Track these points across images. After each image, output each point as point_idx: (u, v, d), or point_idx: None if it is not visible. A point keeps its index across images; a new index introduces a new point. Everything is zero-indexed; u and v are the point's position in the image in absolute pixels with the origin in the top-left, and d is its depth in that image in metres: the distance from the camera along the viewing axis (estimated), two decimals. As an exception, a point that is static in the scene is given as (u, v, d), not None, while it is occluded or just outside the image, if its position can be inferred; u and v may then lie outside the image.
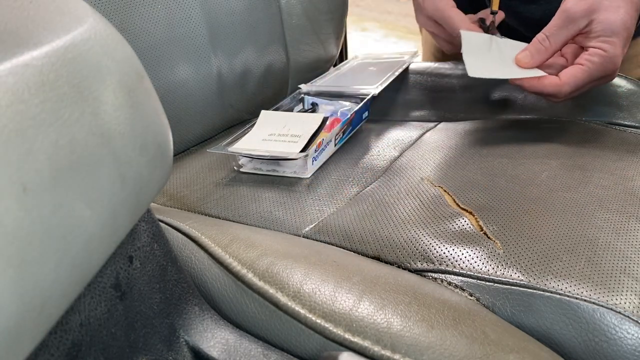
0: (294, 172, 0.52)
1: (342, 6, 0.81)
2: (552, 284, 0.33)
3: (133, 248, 0.28)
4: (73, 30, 0.21)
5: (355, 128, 0.62)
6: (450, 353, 0.26)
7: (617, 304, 0.31)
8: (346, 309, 0.29)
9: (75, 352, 0.23)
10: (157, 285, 0.29)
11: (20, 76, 0.18)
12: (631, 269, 0.34)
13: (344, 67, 0.78)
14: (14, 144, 0.17)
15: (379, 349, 0.26)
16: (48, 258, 0.18)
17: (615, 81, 0.62)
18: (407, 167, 0.51)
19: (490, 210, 0.41)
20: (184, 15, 0.57)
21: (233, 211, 0.47)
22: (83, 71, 0.21)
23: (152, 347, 0.28)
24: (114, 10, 0.51)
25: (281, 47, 0.71)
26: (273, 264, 0.32)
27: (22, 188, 0.17)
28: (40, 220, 0.17)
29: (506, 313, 0.33)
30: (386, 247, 0.39)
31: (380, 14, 3.43)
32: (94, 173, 0.20)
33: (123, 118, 0.22)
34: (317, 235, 0.42)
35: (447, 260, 0.36)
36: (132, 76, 0.24)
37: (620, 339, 0.30)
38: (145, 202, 0.25)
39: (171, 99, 0.57)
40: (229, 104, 0.65)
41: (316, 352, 0.29)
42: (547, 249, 0.36)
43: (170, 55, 0.56)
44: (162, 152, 0.26)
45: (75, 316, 0.23)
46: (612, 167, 0.47)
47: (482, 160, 0.51)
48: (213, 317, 0.32)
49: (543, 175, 0.46)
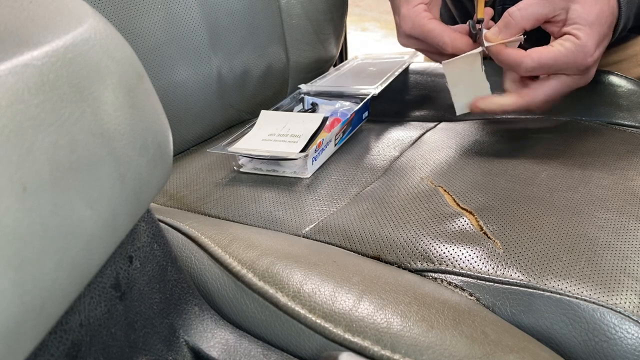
0: (294, 172, 0.52)
1: (342, 6, 0.81)
2: (552, 284, 0.33)
3: (133, 248, 0.28)
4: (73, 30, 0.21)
5: (355, 128, 0.62)
6: (450, 353, 0.26)
7: (617, 303, 0.31)
8: (346, 309, 0.29)
9: (75, 352, 0.23)
10: (157, 285, 0.29)
11: (20, 76, 0.18)
12: (631, 268, 0.34)
13: (344, 67, 0.78)
14: (14, 144, 0.17)
15: (378, 349, 0.26)
16: (48, 258, 0.18)
17: (615, 81, 0.62)
18: (407, 167, 0.51)
19: (490, 210, 0.41)
20: (184, 15, 0.57)
21: (233, 211, 0.47)
22: (83, 71, 0.21)
23: (152, 347, 0.28)
24: (114, 10, 0.50)
25: (281, 47, 0.71)
26: (273, 264, 0.32)
27: (22, 188, 0.17)
28: (40, 220, 0.17)
29: (506, 313, 0.33)
30: (386, 247, 0.39)
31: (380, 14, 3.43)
32: (94, 173, 0.20)
33: (123, 118, 0.22)
34: (317, 235, 0.42)
35: (447, 260, 0.36)
36: (132, 76, 0.24)
37: (621, 339, 0.30)
38: (145, 202, 0.25)
39: (171, 99, 0.57)
40: (229, 104, 0.65)
41: (316, 352, 0.29)
42: (547, 249, 0.36)
43: (170, 56, 0.56)
44: (162, 152, 0.26)
45: (75, 316, 0.23)
46: (612, 167, 0.47)
47: (482, 160, 0.51)
48: (213, 317, 0.32)
49: (543, 175, 0.46)
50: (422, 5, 0.54)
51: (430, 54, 0.58)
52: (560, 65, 0.47)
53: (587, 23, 0.46)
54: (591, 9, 0.46)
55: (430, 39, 0.54)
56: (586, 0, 0.46)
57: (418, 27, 0.54)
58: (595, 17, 0.46)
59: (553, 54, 0.46)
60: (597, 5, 0.46)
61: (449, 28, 0.54)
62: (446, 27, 0.54)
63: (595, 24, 0.46)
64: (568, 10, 0.46)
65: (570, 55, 0.46)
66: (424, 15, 0.54)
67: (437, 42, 0.53)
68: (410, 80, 0.74)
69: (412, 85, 0.73)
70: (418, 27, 0.54)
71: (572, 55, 0.46)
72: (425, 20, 0.54)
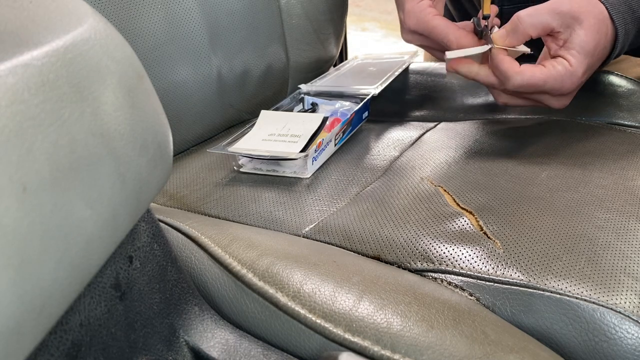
0: (294, 172, 0.52)
1: (342, 6, 0.81)
2: (552, 284, 0.33)
3: (133, 248, 0.28)
4: (73, 30, 0.21)
5: (355, 128, 0.62)
6: (450, 353, 0.26)
7: (617, 303, 0.31)
8: (346, 309, 0.29)
9: (75, 352, 0.23)
10: (157, 286, 0.29)
11: (20, 76, 0.18)
12: (631, 268, 0.34)
13: (344, 67, 0.78)
14: (14, 144, 0.17)
15: (378, 349, 0.26)
16: (48, 258, 0.18)
17: (615, 81, 0.62)
18: (407, 167, 0.51)
19: (490, 210, 0.41)
20: (184, 15, 0.57)
21: (233, 211, 0.47)
22: (83, 71, 0.21)
23: (152, 347, 0.28)
24: (114, 10, 0.51)
25: (281, 47, 0.71)
26: (273, 264, 0.32)
27: (22, 188, 0.17)
28: (40, 220, 0.17)
29: (506, 313, 0.33)
30: (386, 247, 0.39)
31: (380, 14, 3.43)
32: (94, 173, 0.20)
33: (123, 118, 0.22)
34: (317, 235, 0.42)
35: (447, 260, 0.36)
36: (132, 76, 0.24)
37: (621, 339, 0.30)
38: (145, 202, 0.25)
39: (171, 99, 0.57)
40: (229, 104, 0.65)
41: (316, 352, 0.29)
42: (547, 249, 0.36)
43: (170, 56, 0.56)
44: (162, 152, 0.26)
45: (75, 316, 0.23)
46: (612, 167, 0.47)
47: (482, 160, 0.51)
48: (213, 317, 0.32)
49: (543, 175, 0.46)
50: (427, 1, 0.54)
51: (434, 51, 0.58)
52: (547, 86, 0.47)
53: (584, 52, 0.46)
54: (591, 39, 0.46)
55: (434, 36, 0.53)
56: (590, 29, 0.46)
57: (422, 23, 0.54)
58: (592, 48, 0.47)
59: (545, 76, 0.47)
60: (597, 36, 0.47)
61: (454, 25, 0.53)
62: (451, 24, 0.53)
63: (590, 55, 0.47)
64: (572, 33, 0.47)
65: (559, 79, 0.47)
66: (429, 11, 0.54)
67: (442, 39, 0.53)
68: (410, 80, 0.74)
69: (412, 85, 0.73)
70: (422, 23, 0.54)
71: (560, 79, 0.47)
72: (430, 16, 0.54)
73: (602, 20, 0.47)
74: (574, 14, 0.46)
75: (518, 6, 0.68)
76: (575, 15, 0.46)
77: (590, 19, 0.46)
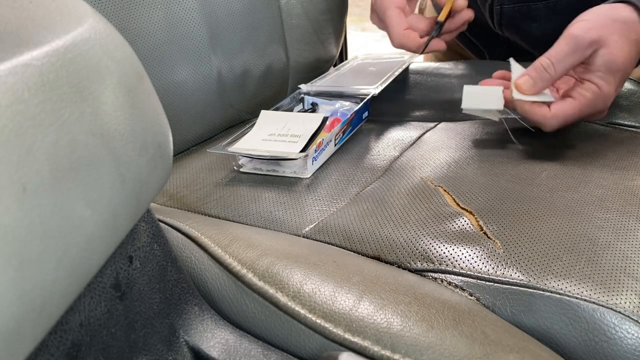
0: (294, 172, 0.52)
1: (342, 6, 0.81)
2: (552, 284, 0.33)
3: (133, 248, 0.28)
4: (73, 30, 0.21)
5: (355, 128, 0.62)
6: (450, 353, 0.26)
7: (617, 303, 0.31)
8: (346, 309, 0.29)
9: (75, 352, 0.23)
10: (157, 286, 0.29)
11: (20, 76, 0.18)
12: (631, 268, 0.34)
13: (344, 67, 0.78)
14: (14, 144, 0.17)
15: (378, 349, 0.26)
16: (48, 258, 0.18)
17: (615, 81, 0.62)
18: (407, 167, 0.51)
19: (490, 210, 0.41)
20: (184, 15, 0.57)
21: (233, 211, 0.47)
22: (83, 71, 0.21)
23: (152, 347, 0.28)
24: (114, 11, 0.50)
25: (281, 47, 0.71)
26: (273, 264, 0.32)
27: (22, 188, 0.17)
28: (40, 220, 0.17)
29: (506, 313, 0.33)
30: (386, 247, 0.39)
31: (380, 14, 3.42)
32: (94, 173, 0.20)
33: (123, 118, 0.22)
34: (317, 235, 0.42)
35: (447, 260, 0.36)
36: (132, 76, 0.24)
37: (621, 339, 0.30)
38: (145, 202, 0.25)
39: (171, 99, 0.57)
40: (229, 104, 0.65)
41: (316, 352, 0.29)
42: (547, 249, 0.36)
43: (170, 56, 0.56)
44: (162, 152, 0.26)
45: (75, 316, 0.23)
46: (612, 167, 0.47)
47: (482, 160, 0.51)
48: (213, 317, 0.32)
49: (543, 175, 0.46)
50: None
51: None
52: (583, 114, 0.48)
53: (611, 71, 0.45)
54: (619, 52, 0.45)
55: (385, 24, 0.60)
56: (615, 43, 0.45)
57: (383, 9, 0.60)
58: (622, 63, 0.45)
59: (577, 108, 0.47)
60: (625, 50, 0.45)
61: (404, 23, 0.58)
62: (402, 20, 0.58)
63: (619, 70, 0.46)
64: (595, 54, 0.46)
65: (591, 105, 0.47)
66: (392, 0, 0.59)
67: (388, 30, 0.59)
68: (410, 80, 0.74)
69: (412, 85, 0.73)
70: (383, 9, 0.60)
71: (592, 104, 0.47)
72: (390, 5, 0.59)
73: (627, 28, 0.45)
74: (595, 41, 0.45)
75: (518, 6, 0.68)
76: (597, 41, 0.45)
77: (613, 36, 0.45)
